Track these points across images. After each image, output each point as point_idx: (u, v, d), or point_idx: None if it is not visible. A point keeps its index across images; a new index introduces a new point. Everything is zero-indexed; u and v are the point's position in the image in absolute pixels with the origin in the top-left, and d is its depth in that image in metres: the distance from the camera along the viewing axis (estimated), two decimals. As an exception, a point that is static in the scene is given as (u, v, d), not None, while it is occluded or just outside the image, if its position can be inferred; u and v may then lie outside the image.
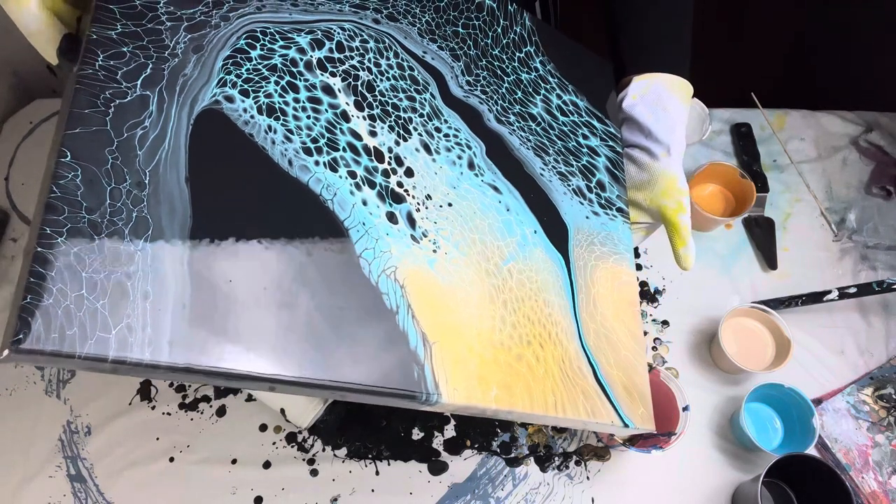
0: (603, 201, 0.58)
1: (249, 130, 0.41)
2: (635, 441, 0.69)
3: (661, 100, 0.59)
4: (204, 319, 0.35)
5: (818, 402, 0.73)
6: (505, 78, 0.56)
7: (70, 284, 0.31)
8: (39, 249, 0.31)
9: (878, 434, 0.71)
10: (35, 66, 1.02)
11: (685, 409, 0.67)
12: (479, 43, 0.56)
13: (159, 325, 0.33)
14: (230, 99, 0.41)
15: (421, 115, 0.50)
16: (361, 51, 0.48)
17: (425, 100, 0.51)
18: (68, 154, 0.34)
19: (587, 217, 0.56)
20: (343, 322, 0.39)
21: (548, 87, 0.59)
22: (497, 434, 0.74)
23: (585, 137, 0.60)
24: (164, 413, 0.75)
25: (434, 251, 0.46)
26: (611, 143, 0.61)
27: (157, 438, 0.73)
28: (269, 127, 0.41)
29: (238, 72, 0.42)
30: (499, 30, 0.58)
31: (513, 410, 0.46)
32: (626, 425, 0.50)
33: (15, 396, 0.76)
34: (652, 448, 0.65)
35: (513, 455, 0.72)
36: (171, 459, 0.72)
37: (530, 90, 0.58)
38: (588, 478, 0.71)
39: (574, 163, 0.57)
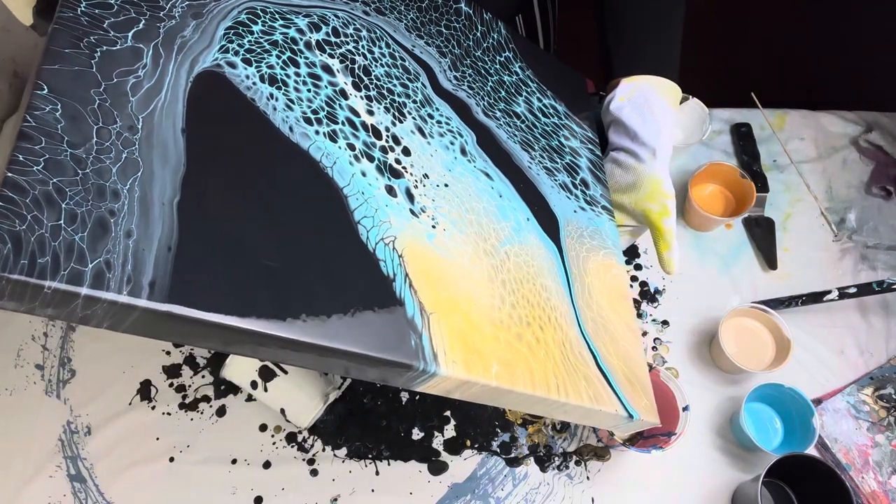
0: (588, 198, 0.58)
1: (251, 96, 0.41)
2: (635, 441, 0.69)
3: (649, 102, 0.59)
4: (190, 267, 0.33)
5: (818, 402, 0.73)
6: (489, 78, 0.57)
7: (47, 214, 0.30)
8: (10, 175, 0.30)
9: (878, 434, 0.71)
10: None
11: (685, 409, 0.67)
12: (463, 44, 0.57)
13: (141, 265, 0.31)
14: (232, 65, 0.41)
15: (414, 102, 0.50)
16: (355, 38, 0.49)
17: (417, 88, 0.51)
18: (45, 87, 0.33)
19: (575, 211, 0.57)
20: (338, 285, 0.38)
21: (528, 90, 0.60)
22: (497, 434, 0.73)
23: (567, 138, 0.60)
24: (164, 413, 0.75)
25: (433, 226, 0.45)
26: (590, 146, 0.62)
27: (157, 438, 0.73)
28: (271, 95, 0.42)
29: (240, 42, 0.42)
30: (478, 34, 0.59)
31: (513, 390, 0.44)
32: (630, 416, 0.48)
33: (15, 396, 0.76)
34: (652, 448, 0.65)
35: (513, 455, 0.72)
36: (171, 459, 0.72)
37: (513, 91, 0.59)
38: (588, 478, 0.71)
39: (558, 160, 0.58)
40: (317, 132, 0.42)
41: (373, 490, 0.71)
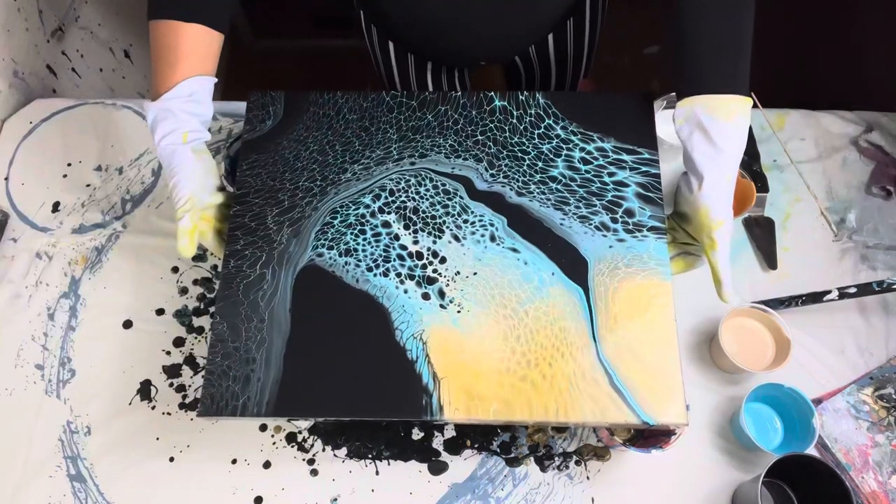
0: (631, 226, 0.61)
1: (332, 269, 0.61)
2: (635, 441, 0.69)
3: (701, 125, 0.57)
4: (288, 388, 0.56)
5: (818, 402, 0.73)
6: (525, 157, 0.65)
7: (225, 380, 0.57)
8: (209, 367, 0.58)
9: (878, 434, 0.71)
10: (35, 67, 1.02)
11: (685, 408, 0.67)
12: (499, 140, 0.66)
13: (263, 395, 0.56)
14: (320, 254, 0.61)
15: (452, 216, 0.62)
16: (405, 187, 0.63)
17: (455, 203, 0.63)
18: (218, 317, 0.59)
19: (611, 246, 0.60)
20: (374, 376, 0.56)
21: (569, 146, 0.65)
22: (497, 434, 0.74)
23: (612, 175, 0.64)
24: (164, 413, 0.75)
25: (458, 311, 0.58)
26: (644, 168, 0.64)
27: (157, 438, 0.73)
28: (346, 262, 0.61)
29: (325, 237, 0.62)
30: (514, 121, 0.66)
31: (511, 420, 0.55)
32: (645, 423, 0.55)
33: (15, 396, 0.76)
34: (652, 448, 0.65)
35: (513, 455, 0.72)
36: (171, 459, 0.72)
37: (551, 157, 0.64)
38: (588, 478, 0.71)
39: (596, 202, 0.62)
40: (374, 275, 0.60)
41: (373, 490, 0.71)
